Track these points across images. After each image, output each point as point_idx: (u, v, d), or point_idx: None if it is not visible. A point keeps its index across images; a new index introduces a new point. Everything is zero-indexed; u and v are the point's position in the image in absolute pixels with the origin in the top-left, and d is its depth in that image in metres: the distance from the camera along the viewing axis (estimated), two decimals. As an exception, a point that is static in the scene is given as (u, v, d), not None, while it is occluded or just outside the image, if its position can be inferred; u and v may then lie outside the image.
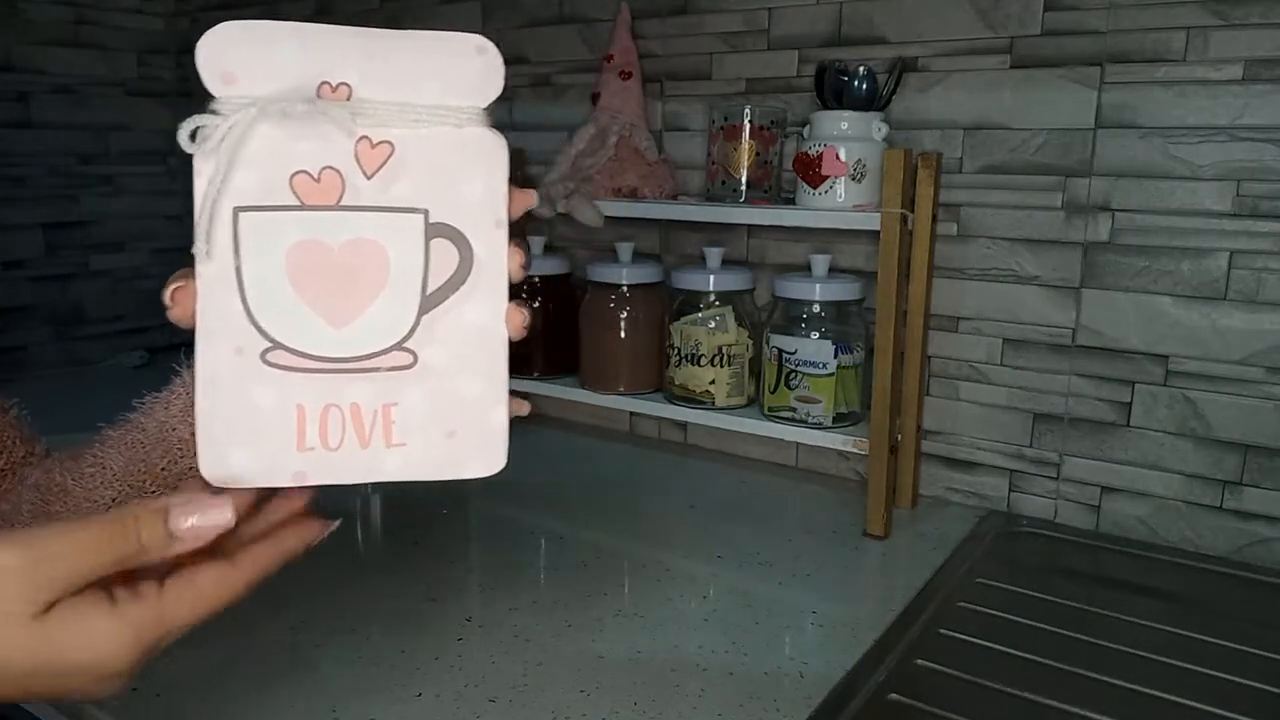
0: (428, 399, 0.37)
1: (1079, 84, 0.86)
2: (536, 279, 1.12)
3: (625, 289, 1.06)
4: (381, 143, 0.35)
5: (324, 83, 0.35)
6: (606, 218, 1.02)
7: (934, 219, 0.89)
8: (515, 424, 0.38)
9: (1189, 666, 0.67)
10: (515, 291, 0.38)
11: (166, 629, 0.34)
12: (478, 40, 0.36)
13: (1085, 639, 0.71)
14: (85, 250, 1.52)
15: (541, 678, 0.65)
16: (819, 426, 0.94)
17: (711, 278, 0.99)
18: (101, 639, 0.33)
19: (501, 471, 0.38)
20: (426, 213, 0.36)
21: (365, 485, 1.02)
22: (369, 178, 0.35)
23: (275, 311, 0.35)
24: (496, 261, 0.37)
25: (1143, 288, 0.86)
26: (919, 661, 0.68)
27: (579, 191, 1.02)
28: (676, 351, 1.01)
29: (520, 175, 1.20)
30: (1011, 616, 0.74)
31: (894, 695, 0.63)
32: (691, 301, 1.01)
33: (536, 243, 1.12)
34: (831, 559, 0.85)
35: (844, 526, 0.92)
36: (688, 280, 1.00)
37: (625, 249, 1.07)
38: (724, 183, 1.00)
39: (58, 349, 1.50)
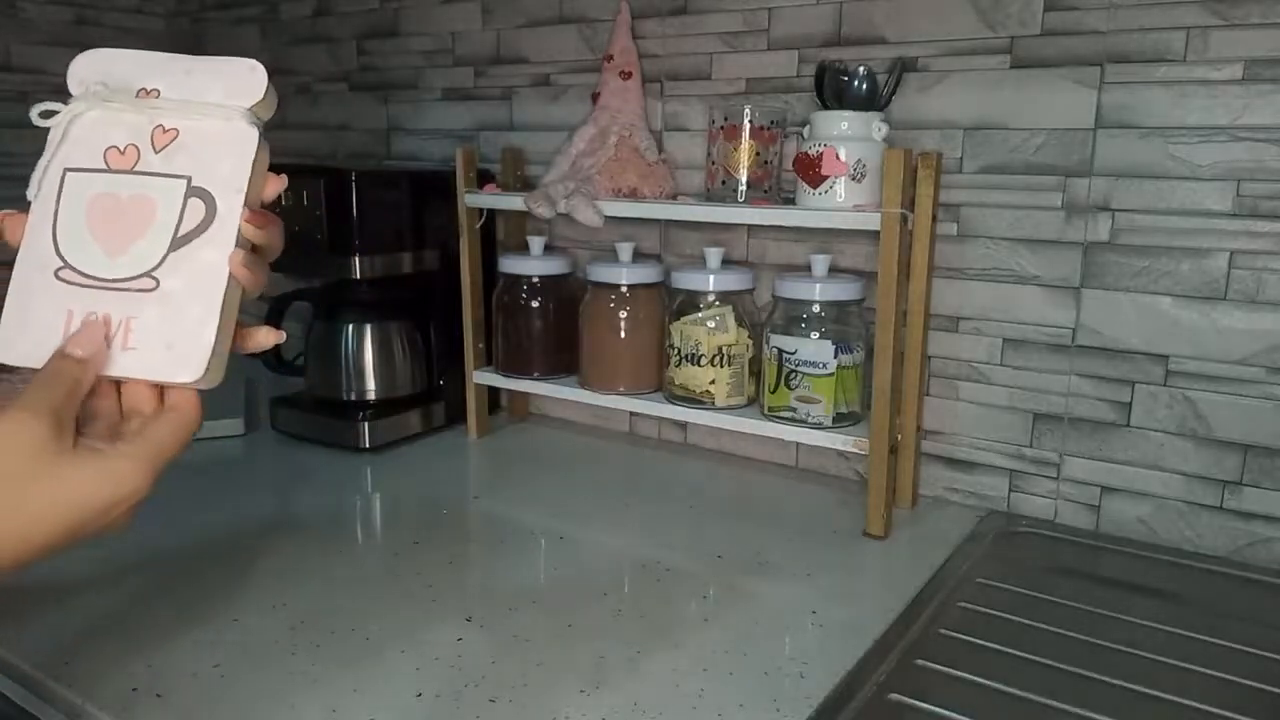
0: (159, 317, 0.47)
1: (1079, 84, 0.86)
2: (536, 279, 1.12)
3: (625, 289, 1.06)
4: (171, 129, 0.48)
5: (141, 88, 0.48)
6: (606, 218, 1.02)
7: (934, 219, 0.89)
8: (515, 424, 0.39)
9: (1189, 666, 0.67)
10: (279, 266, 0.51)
11: (162, 452, 0.45)
12: (250, 62, 0.48)
13: (1085, 639, 0.71)
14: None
15: (541, 678, 0.65)
16: (819, 426, 0.94)
17: (711, 278, 0.99)
18: (117, 472, 0.43)
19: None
20: (190, 179, 0.48)
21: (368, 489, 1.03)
22: (157, 153, 0.48)
23: (72, 241, 0.47)
24: (232, 219, 0.47)
25: (1143, 288, 0.86)
26: (919, 661, 0.68)
27: (579, 191, 1.02)
28: (676, 351, 1.01)
29: (519, 174, 1.20)
30: (1011, 616, 0.74)
31: (894, 695, 0.63)
32: (691, 301, 1.01)
33: (536, 243, 1.12)
34: (831, 559, 0.85)
35: (844, 526, 0.92)
36: (688, 280, 1.00)
37: (625, 249, 1.07)
38: (724, 183, 0.99)
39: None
